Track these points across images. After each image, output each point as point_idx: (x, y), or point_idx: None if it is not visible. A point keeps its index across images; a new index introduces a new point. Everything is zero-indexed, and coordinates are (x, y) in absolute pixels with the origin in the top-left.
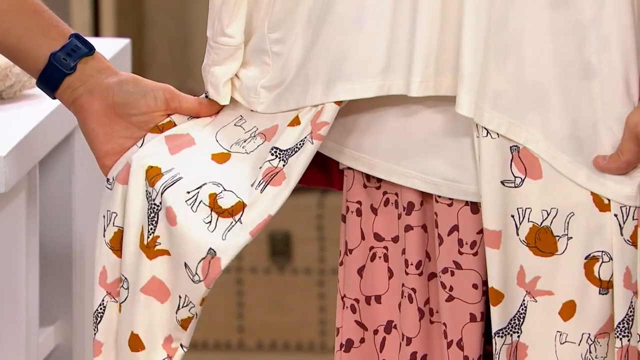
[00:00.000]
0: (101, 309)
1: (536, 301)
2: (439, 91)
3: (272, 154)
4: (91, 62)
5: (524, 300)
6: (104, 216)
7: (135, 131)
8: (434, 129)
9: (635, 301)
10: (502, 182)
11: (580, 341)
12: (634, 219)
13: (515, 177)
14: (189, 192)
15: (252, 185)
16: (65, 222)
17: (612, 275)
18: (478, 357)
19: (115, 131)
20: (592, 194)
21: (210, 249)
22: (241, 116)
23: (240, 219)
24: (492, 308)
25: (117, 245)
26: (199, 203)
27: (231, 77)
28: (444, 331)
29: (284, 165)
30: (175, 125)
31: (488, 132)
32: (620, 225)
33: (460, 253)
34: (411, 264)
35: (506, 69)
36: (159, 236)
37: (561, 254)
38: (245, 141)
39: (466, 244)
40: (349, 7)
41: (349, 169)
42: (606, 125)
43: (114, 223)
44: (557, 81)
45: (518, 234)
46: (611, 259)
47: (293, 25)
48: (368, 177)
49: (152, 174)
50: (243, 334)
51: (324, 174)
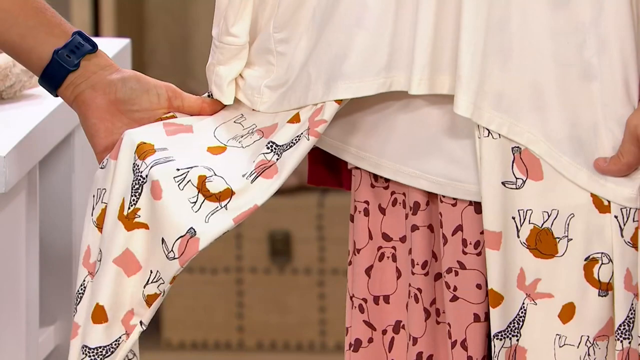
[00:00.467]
0: (82, 289)
1: (536, 304)
2: (439, 90)
3: (268, 148)
4: (94, 60)
5: (523, 303)
6: (93, 195)
7: (136, 127)
8: (438, 128)
9: (636, 303)
10: (503, 183)
11: (579, 344)
12: (634, 221)
13: (517, 178)
14: (178, 170)
15: (243, 176)
16: (65, 222)
17: (611, 277)
18: (482, 357)
19: (116, 127)
20: (592, 195)
21: (191, 228)
22: (242, 114)
23: (226, 205)
24: (491, 310)
25: (102, 222)
26: (187, 182)
27: (235, 77)
28: (449, 331)
29: (277, 159)
30: (175, 117)
31: (489, 132)
32: (620, 227)
33: (464, 253)
34: (417, 264)
35: (506, 69)
36: (139, 208)
37: (561, 255)
38: (242, 137)
39: (470, 244)
40: (352, 6)
41: (357, 168)
42: (606, 127)
43: (102, 200)
44: (557, 82)
45: (519, 236)
46: (610, 260)
47: (298, 26)
48: (376, 176)
49: (144, 149)
50: (243, 334)
51: (333, 174)
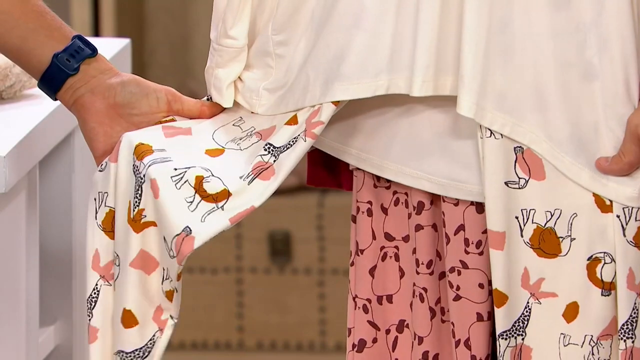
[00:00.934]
0: (95, 293)
1: (540, 303)
2: (442, 91)
3: (265, 150)
4: (94, 64)
5: (528, 303)
6: (95, 199)
7: (135, 131)
8: (439, 129)
9: (639, 302)
10: (506, 183)
11: (583, 343)
12: (636, 220)
13: (520, 178)
14: (176, 169)
15: (240, 177)
16: (65, 222)
17: (614, 276)
18: (486, 356)
19: (115, 131)
20: (594, 195)
21: (187, 227)
22: (241, 117)
23: (222, 206)
24: (496, 310)
25: (108, 226)
26: (184, 182)
27: (234, 80)
28: (452, 330)
29: (274, 161)
30: (174, 120)
31: (492, 132)
32: (622, 226)
33: (467, 252)
34: (422, 264)
35: (508, 69)
36: (144, 209)
37: (564, 255)
38: (241, 139)
39: (472, 243)
40: (350, 7)
41: (359, 169)
42: (607, 127)
43: (105, 203)
44: (558, 82)
45: (522, 236)
46: (613, 260)
47: (297, 28)
48: (378, 177)
49: (142, 150)
50: (243, 334)
51: (333, 175)
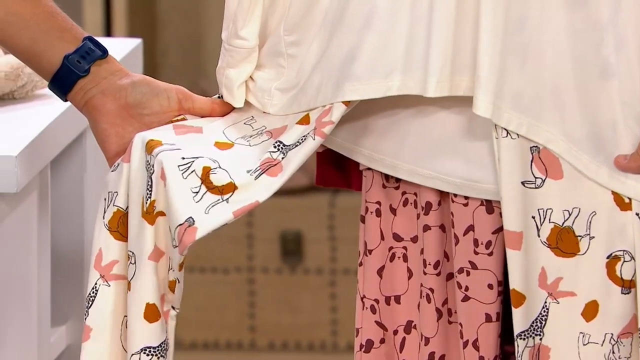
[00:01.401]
0: (93, 292)
1: (558, 303)
2: (457, 92)
3: (275, 147)
4: (105, 65)
5: (545, 302)
6: (105, 198)
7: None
8: (453, 129)
9: None
10: (523, 183)
11: (604, 341)
12: None
13: (536, 177)
14: (183, 159)
15: (248, 172)
16: (77, 221)
17: (634, 274)
18: (494, 357)
19: (127, 131)
20: (613, 193)
21: (190, 217)
22: (252, 116)
23: (227, 198)
24: (513, 310)
25: (114, 226)
26: (191, 172)
27: (245, 80)
28: (460, 331)
29: (282, 158)
30: (185, 119)
31: (508, 132)
32: None
33: (476, 253)
34: (429, 264)
35: (525, 69)
36: (155, 199)
37: (583, 254)
38: (251, 137)
39: (481, 244)
40: (361, 7)
41: (369, 169)
42: (626, 125)
43: (114, 203)
44: (576, 81)
45: (539, 235)
46: (633, 258)
47: (309, 28)
48: (387, 177)
49: (152, 144)
50: (254, 334)
51: (342, 174)
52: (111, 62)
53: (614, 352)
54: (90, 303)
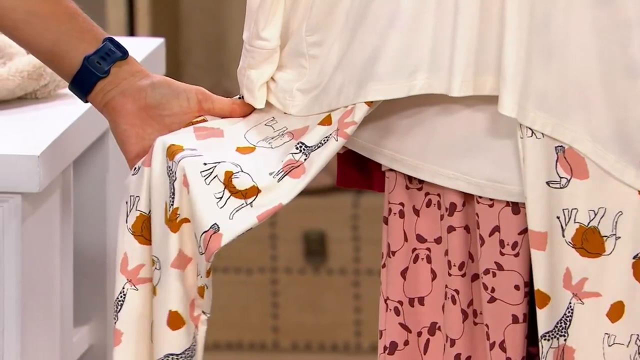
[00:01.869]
0: (121, 296)
1: (583, 303)
2: (482, 91)
3: (297, 148)
4: (125, 66)
5: (570, 303)
6: (126, 202)
7: (167, 133)
8: (476, 129)
9: None
10: (548, 183)
11: (629, 342)
12: None
13: (561, 177)
14: (205, 164)
15: (270, 174)
16: (100, 221)
17: None
18: (521, 358)
19: (147, 133)
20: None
21: (215, 224)
22: (273, 117)
23: (251, 202)
24: (538, 311)
25: (138, 230)
26: (214, 177)
27: (267, 81)
28: (487, 332)
29: (305, 159)
30: (206, 120)
31: (533, 132)
32: None
33: (502, 254)
34: (454, 265)
35: (550, 68)
36: (178, 207)
37: (609, 254)
38: (272, 138)
39: (507, 244)
40: (384, 7)
41: (391, 170)
42: None
43: (136, 207)
44: (602, 80)
45: (564, 235)
46: None
47: (331, 28)
48: (410, 178)
49: (173, 149)
50: (278, 335)
51: (364, 176)
52: (131, 63)
53: (639, 354)
54: (120, 307)
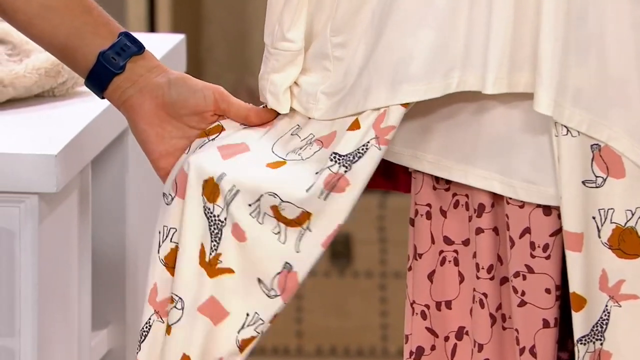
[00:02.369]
0: (147, 327)
1: (620, 306)
2: (516, 88)
3: (332, 160)
4: (141, 62)
5: (606, 306)
6: (159, 231)
7: (187, 130)
8: (511, 127)
9: None
10: (583, 182)
11: None
12: None
13: (597, 176)
14: (250, 205)
15: (307, 190)
16: (119, 223)
17: None
18: None
19: (166, 131)
20: None
21: (286, 263)
22: (298, 125)
23: (308, 226)
24: (574, 314)
25: (171, 262)
26: (264, 215)
27: (290, 85)
28: (516, 337)
29: (345, 171)
30: (223, 129)
31: (568, 130)
32: None
33: (532, 256)
34: (482, 268)
35: (587, 64)
36: (221, 254)
37: None
38: (301, 149)
39: (538, 247)
40: (414, 4)
41: (417, 170)
42: None
43: (171, 239)
44: None
45: (600, 236)
46: None
47: (356, 29)
48: (437, 178)
49: (210, 189)
50: (302, 339)
51: (388, 176)
52: (148, 58)
53: None
54: (143, 338)
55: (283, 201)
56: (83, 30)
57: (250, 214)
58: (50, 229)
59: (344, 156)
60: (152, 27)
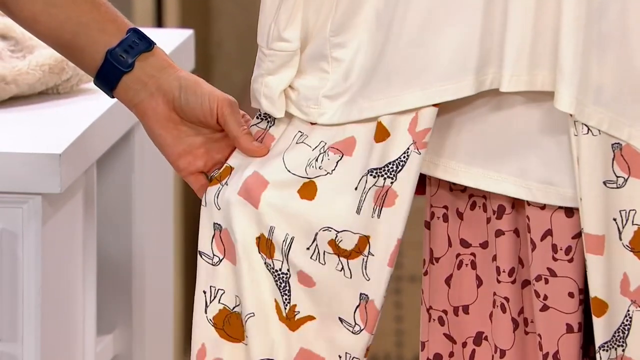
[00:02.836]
0: None
1: None
2: (534, 86)
3: (374, 176)
4: (150, 59)
5: (628, 311)
6: (204, 291)
7: (202, 129)
8: (526, 127)
9: None
10: (604, 183)
11: None
12: None
13: (618, 176)
14: (308, 249)
15: (358, 212)
16: (125, 224)
17: None
18: None
19: (182, 132)
20: None
21: (362, 294)
22: (300, 132)
23: (369, 251)
24: (595, 320)
25: (220, 323)
26: (324, 253)
27: (285, 88)
28: (539, 342)
29: (392, 182)
30: (232, 168)
31: (589, 129)
32: None
33: (555, 259)
34: (503, 271)
35: (607, 60)
36: (296, 304)
37: None
38: (316, 160)
39: (561, 249)
40: (433, 3)
41: None
42: None
43: (219, 300)
44: None
45: (621, 239)
46: None
47: (357, 28)
48: None
49: (264, 245)
50: None
51: None
52: (157, 55)
53: None
54: None
55: (339, 232)
56: (90, 27)
57: (310, 257)
58: (54, 231)
59: (382, 168)
60: (159, 22)
